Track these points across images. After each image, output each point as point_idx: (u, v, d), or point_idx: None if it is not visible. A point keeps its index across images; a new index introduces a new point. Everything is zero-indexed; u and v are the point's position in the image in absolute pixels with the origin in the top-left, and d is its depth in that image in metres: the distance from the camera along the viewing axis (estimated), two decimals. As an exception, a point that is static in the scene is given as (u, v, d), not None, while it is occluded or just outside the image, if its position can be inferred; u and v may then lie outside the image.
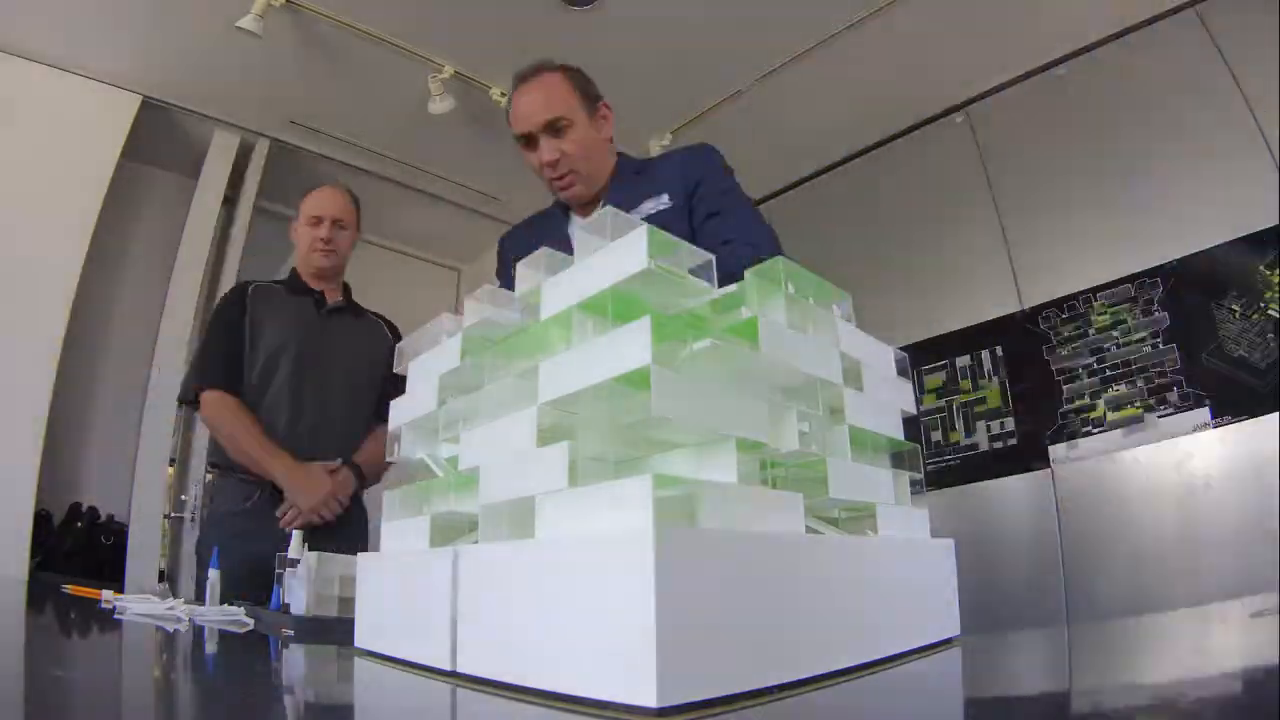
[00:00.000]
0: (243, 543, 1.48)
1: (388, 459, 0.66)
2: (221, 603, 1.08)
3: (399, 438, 0.65)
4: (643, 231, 0.44)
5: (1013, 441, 2.55)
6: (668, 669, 0.33)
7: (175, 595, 1.54)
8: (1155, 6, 2.34)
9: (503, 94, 2.72)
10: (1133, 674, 0.50)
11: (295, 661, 0.68)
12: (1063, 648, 0.69)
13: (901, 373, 0.63)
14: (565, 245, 0.53)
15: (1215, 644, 0.53)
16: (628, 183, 1.34)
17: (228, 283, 2.91)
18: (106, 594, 1.16)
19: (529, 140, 1.29)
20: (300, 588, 0.92)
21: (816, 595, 0.43)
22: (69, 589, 1.34)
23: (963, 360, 2.72)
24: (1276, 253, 2.01)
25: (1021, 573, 2.39)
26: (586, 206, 1.35)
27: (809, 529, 0.47)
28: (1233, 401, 2.03)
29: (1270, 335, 1.99)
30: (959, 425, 2.71)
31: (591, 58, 2.61)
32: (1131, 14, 2.38)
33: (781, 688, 0.38)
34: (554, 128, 1.27)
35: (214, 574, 1.18)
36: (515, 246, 1.38)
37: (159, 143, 2.87)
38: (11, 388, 2.28)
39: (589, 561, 0.37)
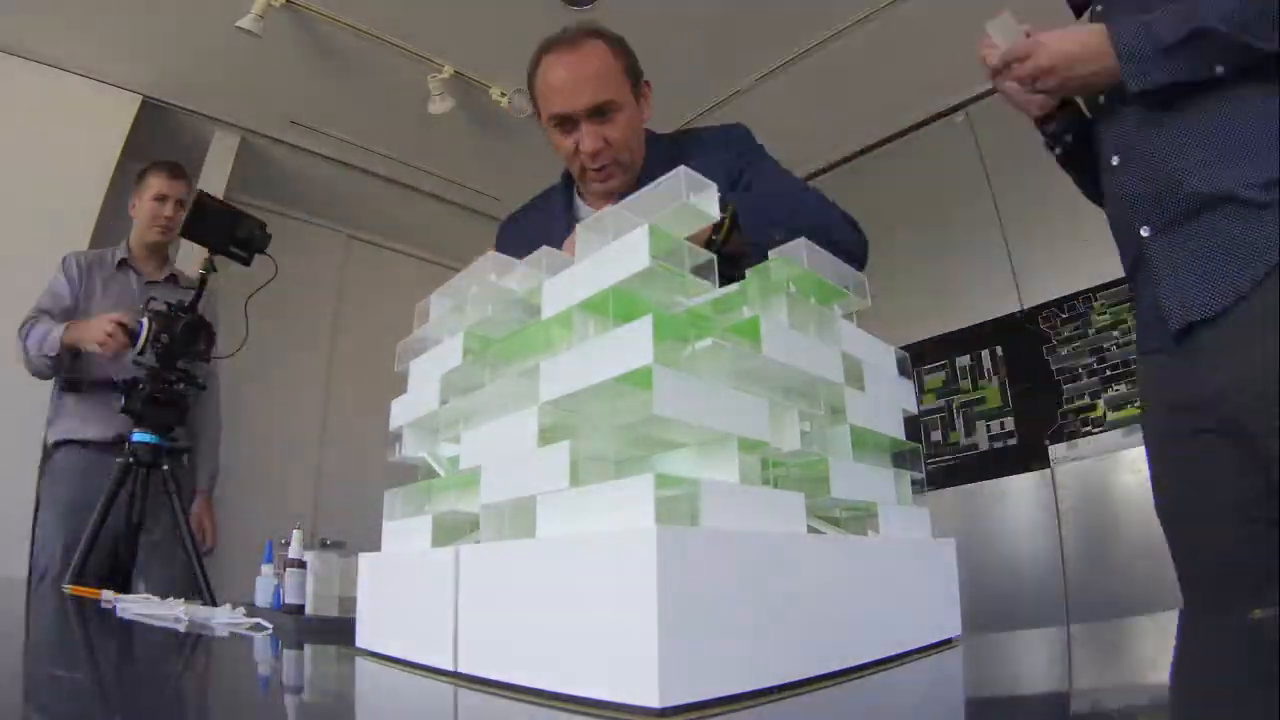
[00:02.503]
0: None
1: (390, 459, 0.66)
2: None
3: (400, 437, 0.65)
4: (644, 230, 0.44)
5: (1013, 441, 2.55)
6: (669, 669, 0.33)
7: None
8: (1155, 6, 2.34)
9: (502, 93, 2.72)
10: (1133, 674, 0.50)
11: (296, 661, 0.68)
12: (1063, 648, 0.69)
13: (902, 372, 0.63)
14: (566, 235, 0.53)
15: (1215, 644, 0.53)
16: (662, 172, 1.22)
17: (226, 281, 2.91)
18: (106, 594, 1.16)
19: (564, 121, 1.11)
20: (304, 587, 0.91)
21: (818, 595, 0.43)
22: (69, 588, 1.34)
23: (963, 360, 2.72)
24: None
25: (1021, 573, 2.39)
26: (609, 196, 1.17)
27: (810, 529, 0.47)
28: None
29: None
30: (959, 425, 2.71)
31: (591, 58, 2.62)
32: (1131, 14, 2.39)
33: (782, 688, 0.38)
34: (600, 111, 1.09)
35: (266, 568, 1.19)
36: (512, 243, 1.17)
37: (159, 143, 2.87)
38: (13, 387, 2.27)
39: (590, 561, 0.37)
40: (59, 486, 2.01)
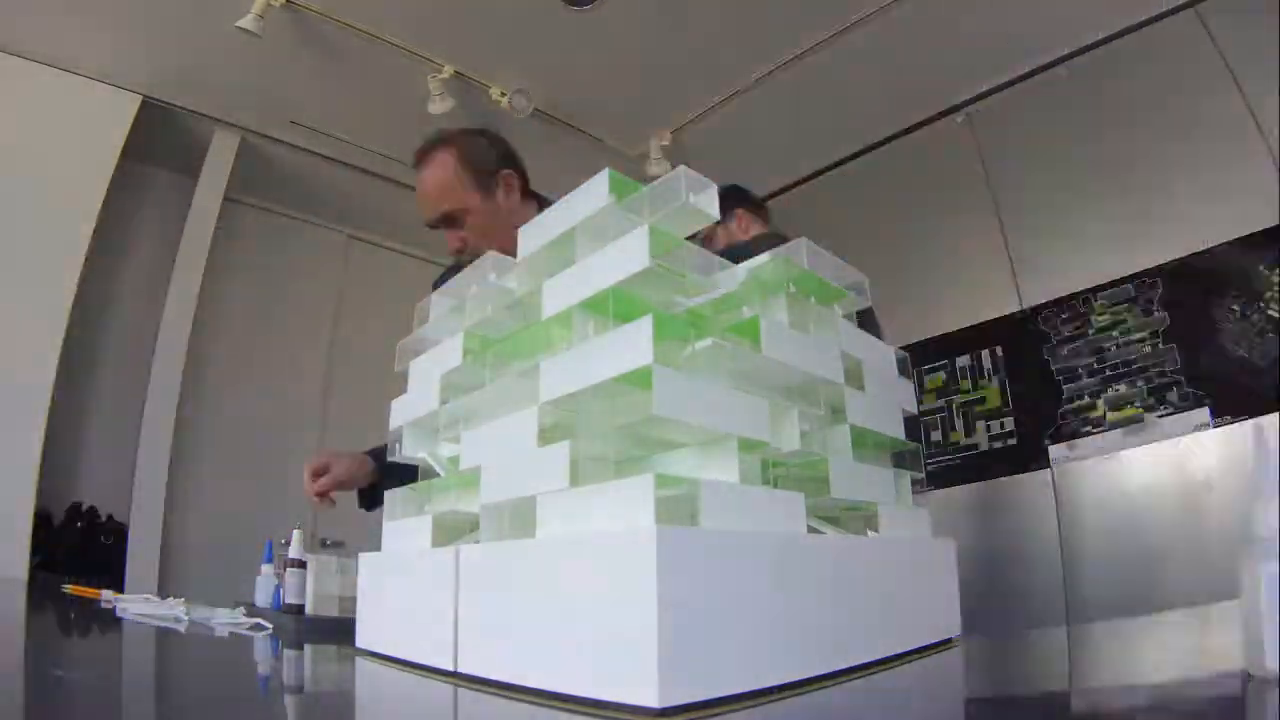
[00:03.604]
0: None
1: (389, 458, 0.66)
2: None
3: (400, 437, 0.65)
4: (644, 231, 0.44)
5: (1013, 441, 2.55)
6: (669, 669, 0.33)
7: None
8: (1155, 6, 2.34)
9: (502, 93, 2.72)
10: (1132, 674, 0.50)
11: (297, 661, 0.68)
12: (1063, 648, 0.69)
13: (902, 372, 0.63)
14: None
15: (1215, 644, 0.53)
16: None
17: (227, 281, 2.92)
18: (106, 594, 1.16)
19: (435, 227, 1.27)
20: (305, 587, 0.91)
21: (817, 595, 0.43)
22: (69, 588, 1.34)
23: (963, 360, 2.72)
24: (1276, 253, 2.01)
25: (1021, 573, 2.39)
26: None
27: (810, 529, 0.47)
28: (1232, 401, 2.03)
29: (1270, 335, 1.99)
30: (959, 425, 2.71)
31: (591, 58, 2.61)
32: (1131, 14, 2.38)
33: (782, 688, 0.38)
34: (450, 219, 1.23)
35: (266, 568, 1.19)
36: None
37: (159, 143, 2.86)
38: (12, 387, 2.27)
39: (590, 561, 0.37)
40: None
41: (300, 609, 0.96)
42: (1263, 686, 0.34)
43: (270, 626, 0.81)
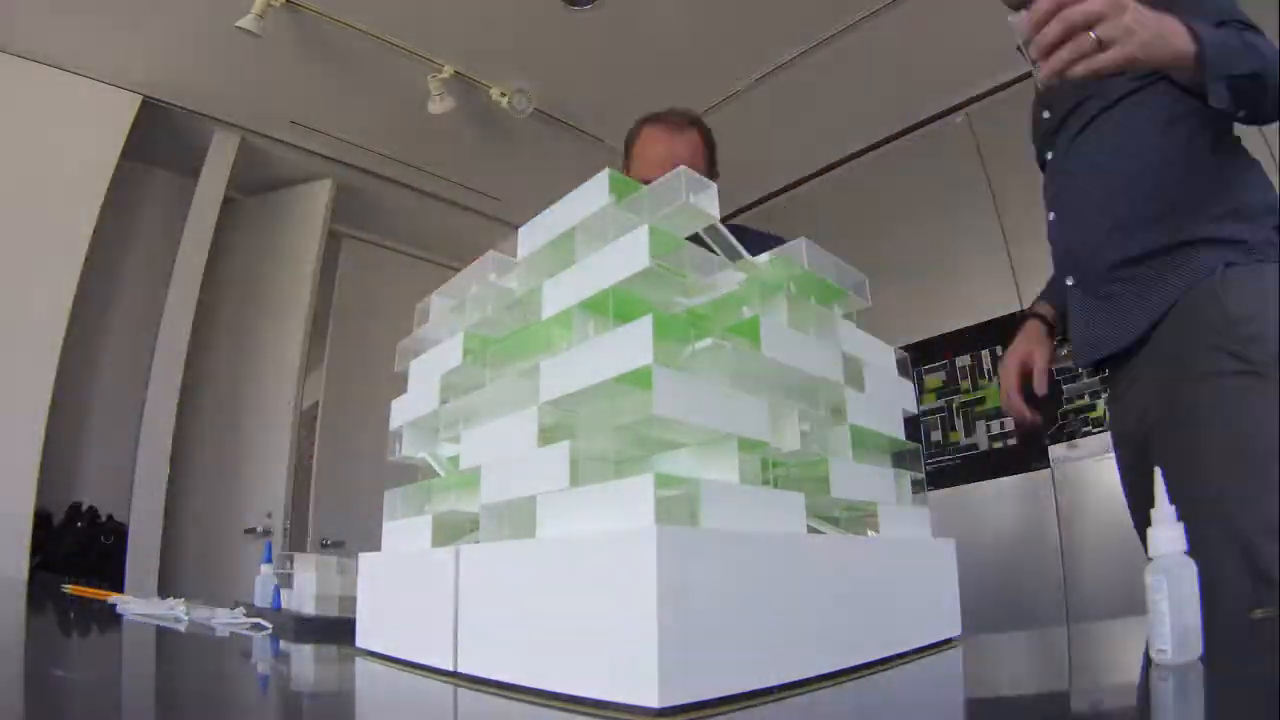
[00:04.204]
0: None
1: (389, 459, 0.66)
2: None
3: (400, 437, 0.65)
4: (644, 230, 0.44)
5: (1013, 441, 2.55)
6: (669, 669, 0.33)
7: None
8: (1155, 7, 2.34)
9: (502, 94, 2.72)
10: (1132, 674, 0.50)
11: (296, 661, 0.68)
12: (1063, 648, 0.69)
13: (902, 373, 0.63)
14: None
15: (1215, 645, 0.53)
16: None
17: (227, 281, 2.91)
18: (115, 598, 1.16)
19: None
20: (308, 590, 0.87)
21: (817, 595, 0.43)
22: (70, 588, 1.34)
23: (963, 360, 2.72)
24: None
25: (1021, 573, 2.39)
26: None
27: (810, 529, 0.47)
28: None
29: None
30: (959, 425, 2.71)
31: (591, 58, 2.61)
32: (1131, 14, 2.38)
33: (782, 688, 0.38)
34: None
35: (266, 568, 1.19)
36: None
37: (159, 143, 2.86)
38: (11, 387, 2.27)
39: (590, 561, 0.37)
40: None
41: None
42: (1156, 670, 0.41)
43: (270, 626, 0.81)
